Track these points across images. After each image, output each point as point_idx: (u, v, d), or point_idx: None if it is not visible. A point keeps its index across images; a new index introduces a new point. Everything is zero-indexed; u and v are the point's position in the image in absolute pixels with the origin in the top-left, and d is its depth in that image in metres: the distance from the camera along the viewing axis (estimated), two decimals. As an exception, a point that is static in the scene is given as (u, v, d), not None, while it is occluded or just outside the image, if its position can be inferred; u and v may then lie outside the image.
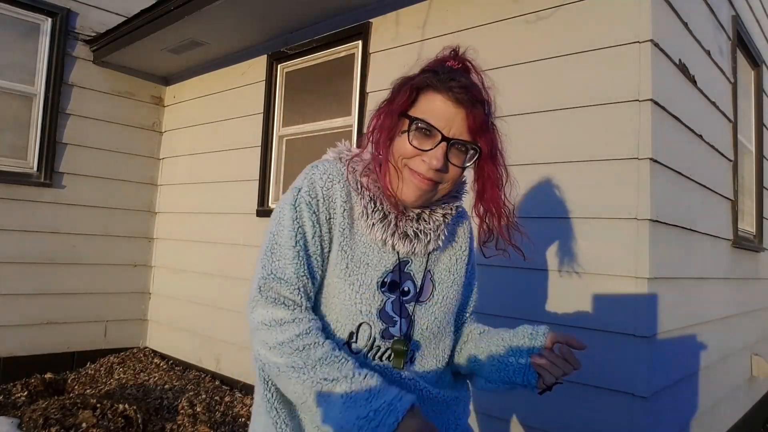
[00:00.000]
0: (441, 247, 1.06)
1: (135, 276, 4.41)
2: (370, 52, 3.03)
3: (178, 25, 3.43)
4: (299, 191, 0.99)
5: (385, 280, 0.99)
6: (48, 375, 3.65)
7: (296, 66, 3.57)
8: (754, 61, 3.64)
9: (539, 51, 2.30)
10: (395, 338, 0.98)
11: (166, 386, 3.66)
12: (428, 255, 1.04)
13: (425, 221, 1.02)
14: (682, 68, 2.29)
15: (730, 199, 3.01)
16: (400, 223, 0.99)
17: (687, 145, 2.37)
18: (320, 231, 0.97)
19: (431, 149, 0.92)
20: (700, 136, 2.52)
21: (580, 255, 2.11)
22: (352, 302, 0.96)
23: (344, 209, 0.99)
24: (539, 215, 2.23)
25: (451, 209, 1.06)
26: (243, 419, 3.15)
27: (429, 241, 1.01)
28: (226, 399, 3.42)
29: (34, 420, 2.75)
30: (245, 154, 3.78)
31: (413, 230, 1.00)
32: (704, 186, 2.58)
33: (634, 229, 1.98)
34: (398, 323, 0.99)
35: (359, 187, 0.99)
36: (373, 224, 0.97)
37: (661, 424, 2.05)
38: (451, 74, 0.95)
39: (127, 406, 2.95)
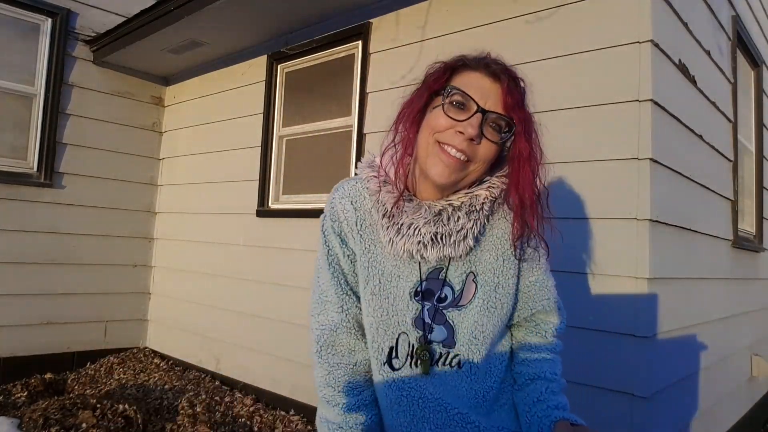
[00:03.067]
0: (482, 245, 0.98)
1: (135, 276, 4.41)
2: (370, 52, 3.03)
3: (178, 25, 3.43)
4: (324, 218, 1.06)
5: (418, 289, 0.97)
6: (48, 375, 3.65)
7: (296, 66, 3.57)
8: (754, 61, 3.64)
9: (539, 51, 2.30)
10: (420, 345, 0.97)
11: (166, 386, 3.66)
12: (467, 256, 0.97)
13: (447, 220, 0.94)
14: (682, 68, 2.29)
15: (730, 199, 3.00)
16: (420, 230, 0.94)
17: (687, 146, 2.37)
18: (349, 251, 1.02)
19: (468, 119, 0.89)
20: (700, 137, 2.52)
21: (580, 255, 2.11)
22: (388, 315, 0.98)
23: (362, 227, 1.00)
24: (539, 215, 2.23)
25: (488, 195, 0.96)
26: (243, 419, 3.15)
27: (456, 242, 0.94)
28: (226, 399, 3.42)
29: (34, 420, 2.75)
30: (245, 154, 3.78)
31: (431, 235, 0.93)
32: (704, 186, 2.58)
33: (634, 229, 1.98)
34: (435, 330, 0.97)
35: (376, 201, 0.98)
36: (390, 240, 0.95)
37: (661, 424, 2.05)
38: (486, 57, 0.95)
39: (127, 406, 2.95)
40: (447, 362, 0.97)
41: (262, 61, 3.73)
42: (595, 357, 2.03)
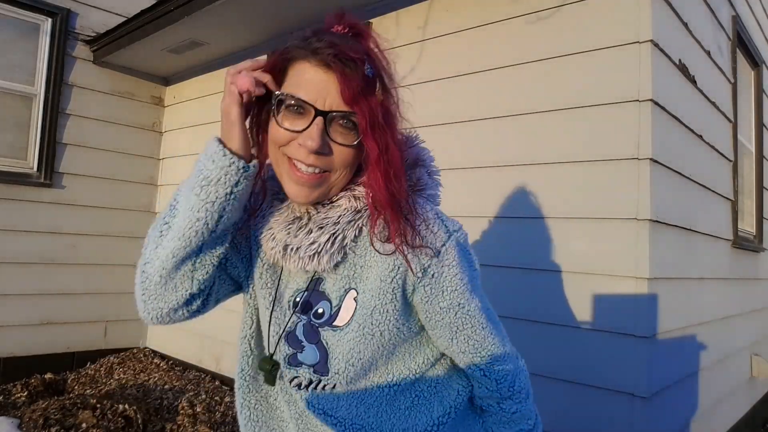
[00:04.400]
0: (366, 259, 0.83)
1: (135, 276, 4.40)
2: (370, 52, 3.02)
3: (178, 25, 3.43)
4: None
5: (297, 299, 0.86)
6: (48, 375, 3.65)
7: (296, 66, 3.56)
8: (754, 61, 3.64)
9: (539, 51, 2.30)
10: (264, 356, 0.91)
11: (166, 386, 3.66)
12: (345, 270, 0.83)
13: (297, 231, 0.82)
14: (682, 68, 2.29)
15: (730, 200, 3.01)
16: (275, 237, 0.83)
17: (687, 146, 2.37)
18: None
19: (306, 128, 0.75)
20: (700, 136, 2.52)
21: (580, 255, 2.11)
22: (264, 320, 0.90)
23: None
24: (539, 216, 2.23)
25: (348, 206, 0.82)
26: (243, 419, 3.15)
27: (307, 257, 0.80)
28: (226, 399, 3.41)
29: (34, 420, 2.75)
30: (245, 154, 3.77)
31: (282, 245, 0.82)
32: (704, 186, 2.58)
33: (634, 229, 1.98)
34: (306, 349, 0.85)
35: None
36: (257, 238, 0.87)
37: (660, 424, 2.05)
38: (322, 35, 0.78)
39: (127, 406, 2.95)
40: (318, 389, 0.86)
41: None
42: (595, 357, 2.03)
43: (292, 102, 0.77)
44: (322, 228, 0.81)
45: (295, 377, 0.87)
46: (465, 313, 0.85)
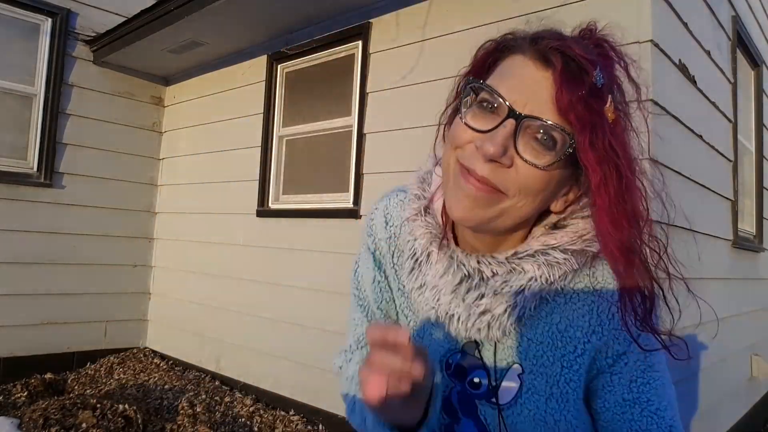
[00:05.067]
0: (537, 328, 0.67)
1: (135, 276, 4.41)
2: (370, 52, 3.03)
3: (178, 25, 3.43)
4: (363, 233, 0.83)
5: (450, 361, 0.72)
6: (48, 375, 3.65)
7: (296, 66, 3.57)
8: (754, 61, 3.64)
9: (539, 51, 2.29)
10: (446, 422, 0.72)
11: (166, 386, 3.66)
12: (513, 342, 0.68)
13: (465, 293, 0.66)
14: (682, 68, 2.29)
15: (730, 199, 3.00)
16: (439, 299, 0.68)
17: (687, 146, 2.37)
18: (382, 277, 0.79)
19: (491, 129, 0.59)
20: (700, 136, 2.52)
21: (580, 255, 2.11)
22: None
23: (398, 258, 0.77)
24: (539, 215, 2.23)
25: (539, 275, 0.64)
26: (243, 419, 3.15)
27: (473, 326, 0.65)
28: (226, 399, 3.41)
29: (34, 420, 2.75)
30: (245, 155, 3.78)
31: (447, 312, 0.67)
32: (704, 186, 2.58)
33: (634, 229, 1.98)
34: (463, 423, 0.71)
35: (409, 234, 0.73)
36: (412, 290, 0.72)
37: (661, 424, 2.05)
38: (543, 31, 0.66)
39: (127, 406, 2.95)
40: None
41: (262, 61, 3.73)
42: (595, 357, 2.02)
43: (486, 96, 0.62)
44: (497, 294, 0.65)
45: None
46: (652, 413, 0.69)
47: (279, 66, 3.64)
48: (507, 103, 0.59)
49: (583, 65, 0.59)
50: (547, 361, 0.67)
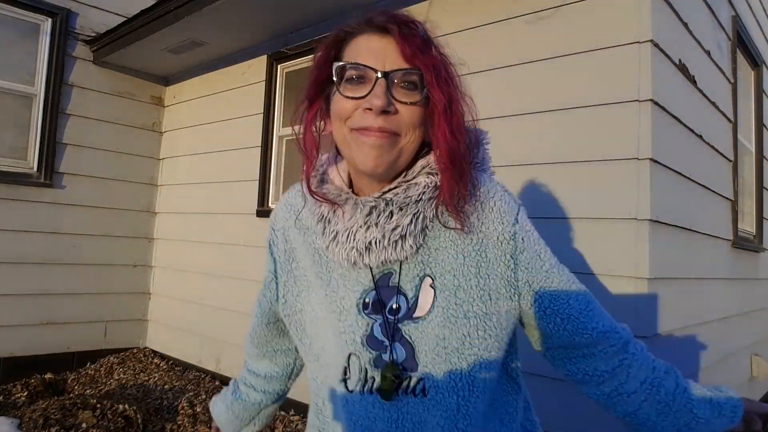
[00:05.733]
0: (439, 240, 0.80)
1: (135, 276, 4.41)
2: (370, 52, 3.02)
3: (178, 25, 3.43)
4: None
5: (366, 300, 0.82)
6: (48, 375, 3.65)
7: (296, 66, 3.57)
8: (754, 61, 3.64)
9: (539, 51, 2.30)
10: (385, 364, 0.80)
11: (166, 386, 3.66)
12: (418, 256, 0.80)
13: (377, 219, 0.78)
14: (682, 68, 2.29)
15: (730, 200, 3.01)
16: (355, 236, 0.79)
17: (687, 145, 2.37)
18: (279, 273, 0.94)
19: (369, 92, 0.75)
20: (700, 136, 2.52)
21: (580, 255, 2.11)
22: (338, 332, 0.83)
23: (304, 240, 0.88)
24: (539, 216, 2.23)
25: (428, 182, 0.79)
26: (243, 419, 3.15)
27: (392, 244, 0.77)
28: (226, 399, 3.41)
29: (34, 420, 2.75)
30: (245, 155, 3.78)
31: (365, 242, 0.78)
32: (704, 186, 2.58)
33: (634, 229, 1.98)
34: (390, 348, 0.80)
35: (314, 204, 0.85)
36: (327, 246, 0.81)
37: (661, 424, 2.05)
38: (370, 14, 0.81)
39: (127, 406, 2.95)
40: (410, 389, 0.80)
41: (262, 61, 3.73)
42: (595, 357, 2.02)
43: (353, 70, 0.76)
44: (402, 209, 0.78)
45: (388, 379, 0.81)
46: (565, 271, 0.87)
47: (279, 66, 3.64)
48: (373, 69, 0.75)
49: (411, 26, 0.78)
50: (451, 258, 0.80)
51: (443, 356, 0.79)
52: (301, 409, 3.20)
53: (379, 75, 0.75)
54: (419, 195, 0.78)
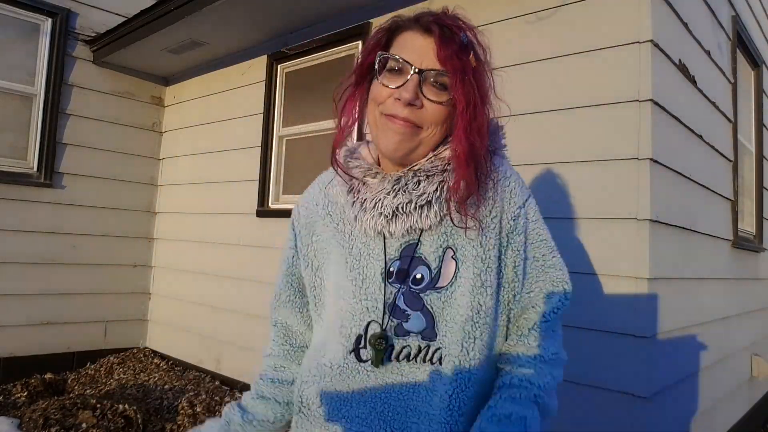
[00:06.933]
0: (461, 215, 0.85)
1: (135, 276, 4.41)
2: (370, 52, 3.02)
3: (178, 25, 3.43)
4: (293, 211, 1.05)
5: (391, 269, 0.86)
6: (48, 375, 3.65)
7: (296, 66, 3.57)
8: (754, 61, 3.64)
9: (539, 51, 2.30)
10: (374, 333, 0.85)
11: (166, 386, 3.66)
12: (441, 228, 0.86)
13: (405, 186, 0.85)
14: (682, 68, 2.29)
15: (730, 200, 3.00)
16: (383, 202, 0.86)
17: (687, 146, 2.37)
18: (304, 250, 0.99)
19: (402, 84, 0.83)
20: (700, 137, 2.52)
21: (579, 255, 2.11)
22: (357, 300, 0.87)
23: (332, 208, 0.95)
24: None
25: (448, 151, 0.87)
26: (243, 419, 3.15)
27: (418, 208, 0.84)
28: (227, 399, 3.41)
29: (34, 420, 2.75)
30: (245, 154, 3.78)
31: (392, 208, 0.84)
32: (704, 186, 2.58)
33: (634, 229, 1.98)
34: (412, 317, 0.85)
35: (344, 180, 0.93)
36: (355, 216, 0.88)
37: (661, 424, 2.05)
38: (423, 12, 0.87)
39: (127, 406, 2.95)
40: (428, 358, 0.84)
41: (262, 61, 3.73)
42: (595, 357, 2.03)
43: (393, 62, 0.84)
44: (429, 177, 0.86)
45: (404, 347, 0.85)
46: (550, 274, 0.92)
47: (279, 66, 3.64)
48: (410, 64, 0.82)
49: (453, 30, 0.83)
50: (472, 231, 0.86)
51: (460, 324, 0.85)
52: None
53: (414, 71, 0.82)
54: (444, 165, 0.86)
